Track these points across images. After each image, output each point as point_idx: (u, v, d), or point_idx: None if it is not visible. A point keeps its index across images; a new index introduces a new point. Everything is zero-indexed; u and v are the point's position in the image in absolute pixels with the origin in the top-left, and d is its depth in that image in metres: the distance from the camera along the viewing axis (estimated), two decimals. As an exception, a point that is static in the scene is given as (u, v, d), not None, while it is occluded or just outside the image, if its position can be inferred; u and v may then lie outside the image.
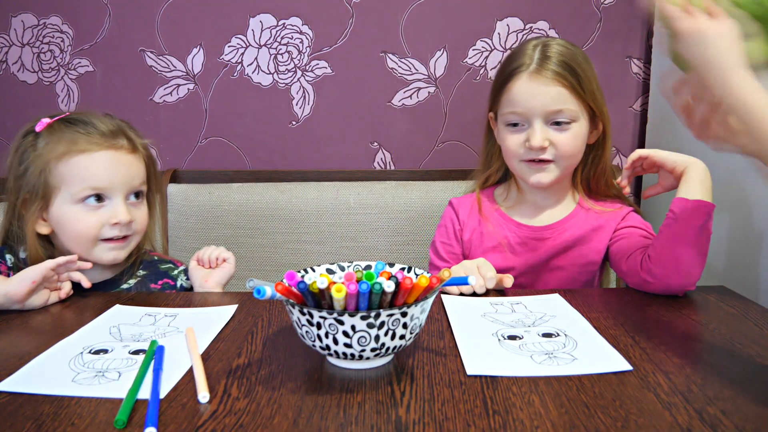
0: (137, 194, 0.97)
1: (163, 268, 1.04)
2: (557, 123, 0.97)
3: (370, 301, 0.60)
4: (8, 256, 0.96)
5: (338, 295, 0.57)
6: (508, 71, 1.00)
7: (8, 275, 0.93)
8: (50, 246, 0.97)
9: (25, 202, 0.93)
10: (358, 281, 0.59)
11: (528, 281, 1.04)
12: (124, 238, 0.95)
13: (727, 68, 0.62)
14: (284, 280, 0.60)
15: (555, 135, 0.97)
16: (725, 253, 1.19)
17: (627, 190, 1.02)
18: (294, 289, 0.60)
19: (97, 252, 0.94)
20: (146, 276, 1.02)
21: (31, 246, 0.93)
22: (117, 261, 0.96)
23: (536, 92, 0.96)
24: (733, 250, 1.18)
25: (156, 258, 1.07)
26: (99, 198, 0.92)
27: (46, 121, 0.94)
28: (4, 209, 0.96)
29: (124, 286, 0.99)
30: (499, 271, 0.95)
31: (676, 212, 0.87)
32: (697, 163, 0.91)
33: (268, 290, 0.58)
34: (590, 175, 1.07)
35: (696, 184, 0.88)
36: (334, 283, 0.59)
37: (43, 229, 0.94)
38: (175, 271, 1.05)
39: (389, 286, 0.58)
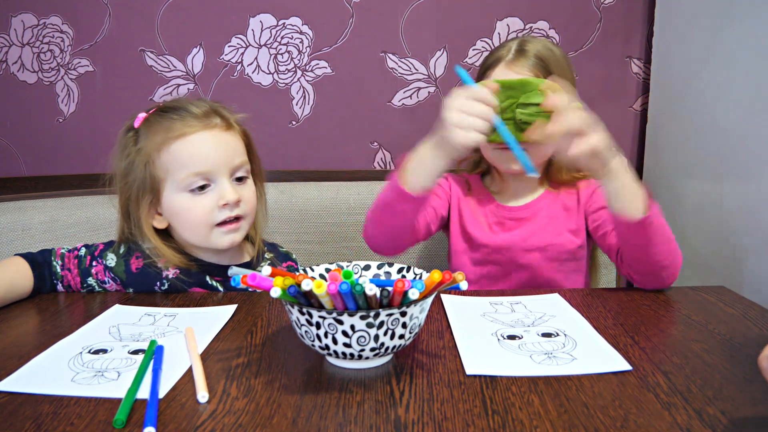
0: (241, 176, 0.94)
1: (282, 251, 1.04)
2: None
3: (360, 302, 0.59)
4: (111, 255, 0.94)
5: (319, 290, 0.57)
6: (489, 62, 1.06)
7: (104, 275, 0.94)
8: (170, 239, 0.95)
9: (136, 199, 0.91)
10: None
11: (505, 258, 1.07)
12: (237, 220, 0.92)
13: None
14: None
15: None
16: (702, 253, 1.20)
17: None
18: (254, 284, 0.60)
19: (214, 238, 0.91)
20: (275, 257, 1.02)
21: (153, 242, 0.91)
22: (234, 244, 0.93)
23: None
24: (712, 250, 1.21)
25: (269, 241, 1.07)
26: (205, 182, 0.89)
27: (142, 115, 0.92)
28: (117, 210, 0.95)
29: (260, 269, 0.99)
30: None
31: (631, 227, 0.84)
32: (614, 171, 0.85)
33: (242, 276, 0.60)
34: (553, 166, 1.10)
35: (625, 190, 0.83)
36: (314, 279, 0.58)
37: (160, 224, 0.93)
38: (294, 255, 1.05)
39: (370, 289, 0.57)
